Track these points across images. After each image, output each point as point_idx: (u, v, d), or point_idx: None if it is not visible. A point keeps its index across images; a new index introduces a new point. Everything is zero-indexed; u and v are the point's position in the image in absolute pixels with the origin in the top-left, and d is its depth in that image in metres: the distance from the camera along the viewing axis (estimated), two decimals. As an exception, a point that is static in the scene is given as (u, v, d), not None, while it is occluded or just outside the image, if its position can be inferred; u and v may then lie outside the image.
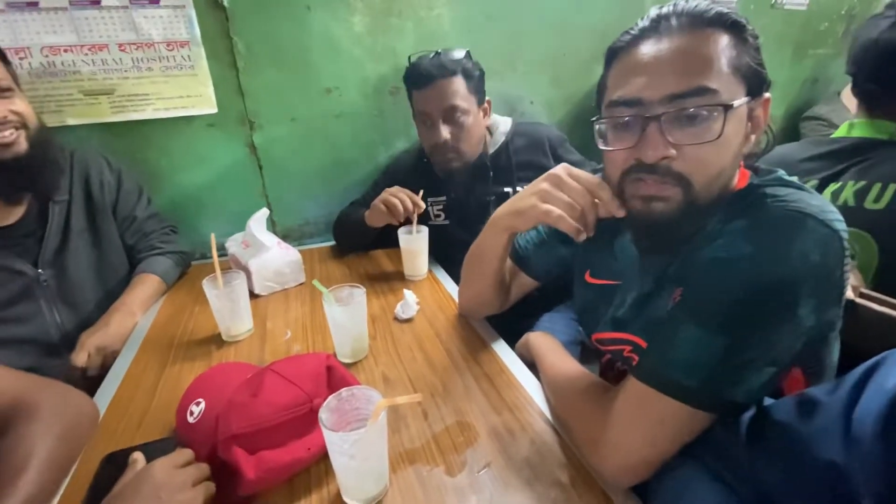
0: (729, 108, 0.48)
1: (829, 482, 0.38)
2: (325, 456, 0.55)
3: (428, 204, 1.18)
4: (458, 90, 1.05)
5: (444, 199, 1.20)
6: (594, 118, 0.57)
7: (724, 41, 0.49)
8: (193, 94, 1.12)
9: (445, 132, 1.07)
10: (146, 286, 1.01)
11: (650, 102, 0.49)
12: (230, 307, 0.86)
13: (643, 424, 0.49)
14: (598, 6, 1.41)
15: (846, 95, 1.70)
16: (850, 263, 0.50)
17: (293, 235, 1.36)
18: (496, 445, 0.60)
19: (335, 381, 0.63)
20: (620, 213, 0.57)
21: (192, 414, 0.62)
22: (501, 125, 1.19)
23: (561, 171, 0.62)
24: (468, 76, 1.07)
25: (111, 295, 0.99)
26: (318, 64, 1.21)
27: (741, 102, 0.49)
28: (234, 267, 1.09)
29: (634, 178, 0.53)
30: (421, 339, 0.86)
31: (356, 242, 1.26)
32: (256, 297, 1.03)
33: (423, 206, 1.06)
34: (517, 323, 0.93)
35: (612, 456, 0.51)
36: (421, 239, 1.07)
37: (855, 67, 0.89)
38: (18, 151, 0.82)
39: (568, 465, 0.57)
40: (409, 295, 0.95)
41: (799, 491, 0.41)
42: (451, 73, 1.05)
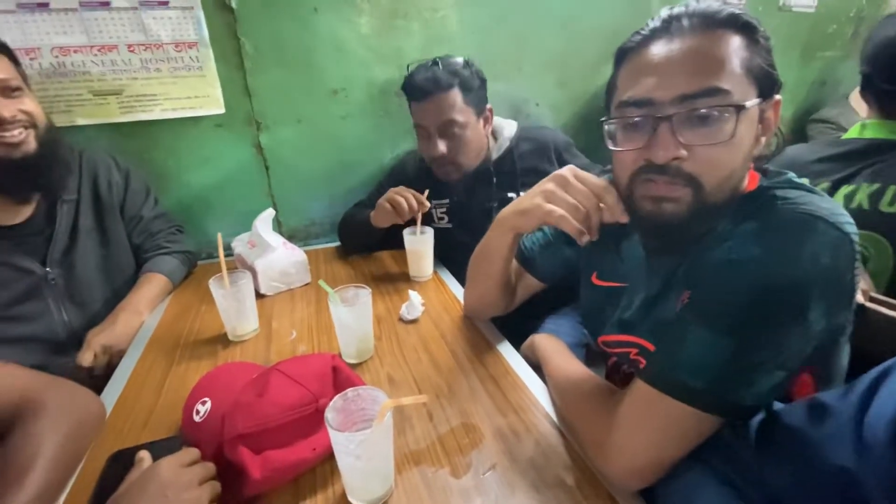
0: (741, 108, 0.47)
1: (839, 487, 0.38)
2: (330, 456, 0.55)
3: (432, 206, 1.18)
4: (454, 104, 1.03)
5: (447, 202, 1.19)
6: (604, 118, 0.57)
7: (736, 42, 0.49)
8: (201, 94, 1.12)
9: (442, 146, 1.06)
10: (152, 285, 1.02)
11: (661, 103, 0.49)
12: (236, 307, 0.86)
13: (650, 427, 0.49)
14: (604, 7, 1.41)
15: (855, 98, 1.68)
16: (860, 267, 0.50)
17: (299, 236, 1.37)
18: (501, 447, 0.60)
19: (341, 381, 0.63)
20: (624, 218, 0.57)
21: (197, 413, 0.62)
22: (506, 129, 1.17)
23: (567, 172, 0.62)
24: (466, 88, 1.04)
25: (118, 294, 1.00)
26: (324, 65, 1.21)
27: (753, 104, 0.49)
28: (240, 267, 1.09)
29: (644, 178, 0.52)
30: (426, 340, 0.86)
31: (361, 243, 1.26)
32: (262, 297, 1.03)
33: (427, 205, 1.06)
34: (522, 324, 0.93)
35: (618, 459, 0.50)
36: (426, 240, 1.07)
37: (869, 67, 0.88)
38: (28, 151, 0.83)
39: (573, 467, 0.57)
40: (414, 296, 0.95)
41: (809, 496, 0.40)
42: (447, 86, 1.02)
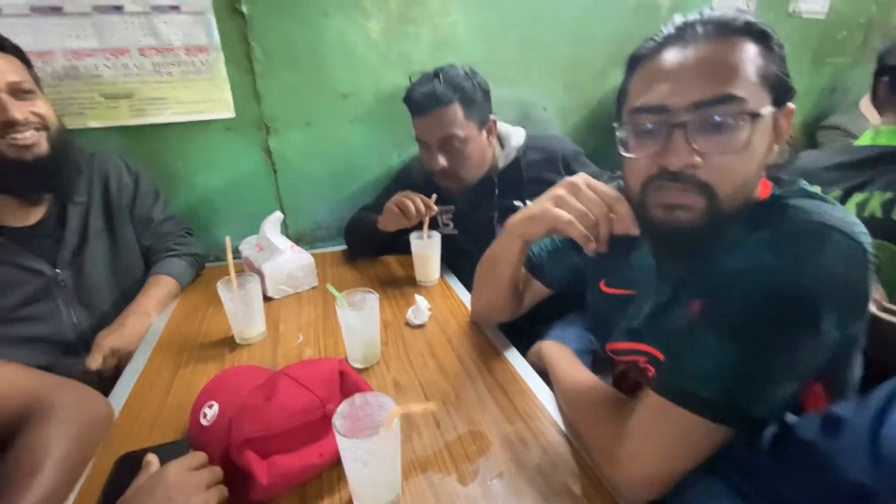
0: (756, 116, 0.47)
1: (854, 502, 0.37)
2: (337, 462, 0.55)
3: (438, 212, 1.18)
4: (454, 119, 1.01)
5: (453, 208, 1.19)
6: (616, 124, 0.56)
7: (751, 50, 0.48)
8: (211, 98, 1.13)
9: (443, 160, 1.05)
10: (161, 287, 1.02)
11: (675, 109, 0.49)
12: (244, 310, 0.86)
13: (661, 438, 0.49)
14: (613, 14, 1.41)
15: (865, 105, 1.67)
16: (873, 276, 0.49)
17: (305, 239, 1.37)
18: (509, 455, 0.59)
19: (348, 386, 0.63)
20: (635, 230, 0.57)
21: (204, 416, 0.62)
22: (514, 137, 1.14)
23: (579, 179, 0.62)
24: (467, 101, 1.02)
25: (127, 295, 1.00)
26: (333, 69, 1.22)
27: (768, 112, 0.48)
28: (247, 270, 1.09)
29: (657, 185, 0.52)
30: (433, 345, 0.86)
31: (368, 246, 1.26)
32: (269, 300, 1.03)
33: (435, 209, 1.06)
34: (527, 330, 0.92)
35: (629, 469, 0.50)
36: (433, 244, 1.07)
37: (890, 71, 0.87)
38: (39, 153, 0.83)
39: (581, 475, 0.56)
40: (420, 301, 0.94)
41: (823, 510, 0.40)
42: (446, 102, 1.00)
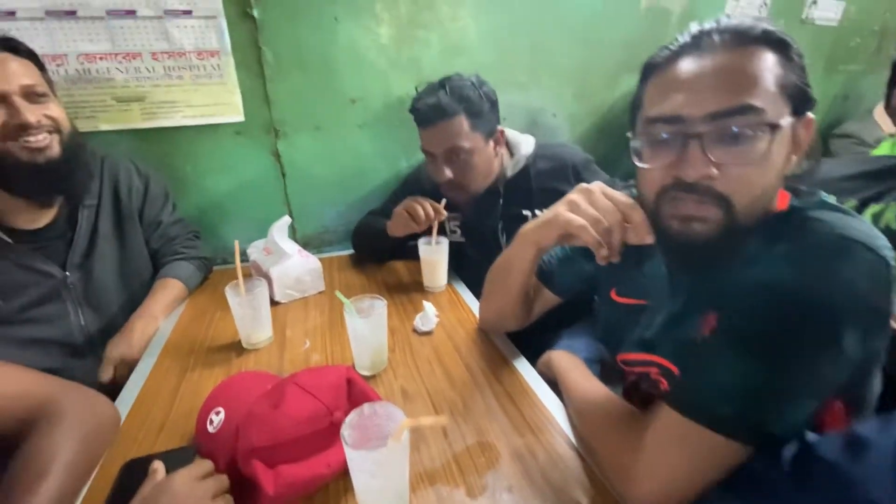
0: (776, 127, 0.46)
1: (879, 527, 0.36)
2: (344, 472, 0.54)
3: (446, 219, 1.17)
4: (460, 131, 1.00)
5: (459, 215, 1.19)
6: (630, 134, 0.55)
7: (769, 59, 0.47)
8: (221, 102, 1.14)
9: (448, 172, 1.04)
10: (168, 291, 1.02)
11: (691, 120, 0.48)
12: (252, 314, 0.86)
13: (677, 455, 0.47)
14: (624, 19, 1.40)
15: (879, 113, 1.65)
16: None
17: (313, 243, 1.37)
18: (518, 468, 0.58)
19: (355, 394, 0.62)
20: (650, 239, 0.56)
21: (211, 423, 0.61)
22: (523, 146, 1.12)
23: (595, 186, 0.61)
24: (473, 113, 1.00)
25: (135, 298, 1.00)
26: (343, 74, 1.22)
27: (787, 122, 0.47)
28: (255, 273, 1.09)
29: (672, 196, 0.51)
30: (440, 352, 0.85)
31: (375, 251, 1.25)
32: (276, 304, 1.03)
33: (444, 213, 1.06)
34: (535, 338, 0.91)
35: (643, 486, 0.49)
36: (441, 250, 1.06)
37: None
38: (51, 155, 0.84)
39: (592, 491, 0.55)
40: (428, 307, 0.94)
41: (847, 534, 0.38)
42: (451, 114, 0.99)
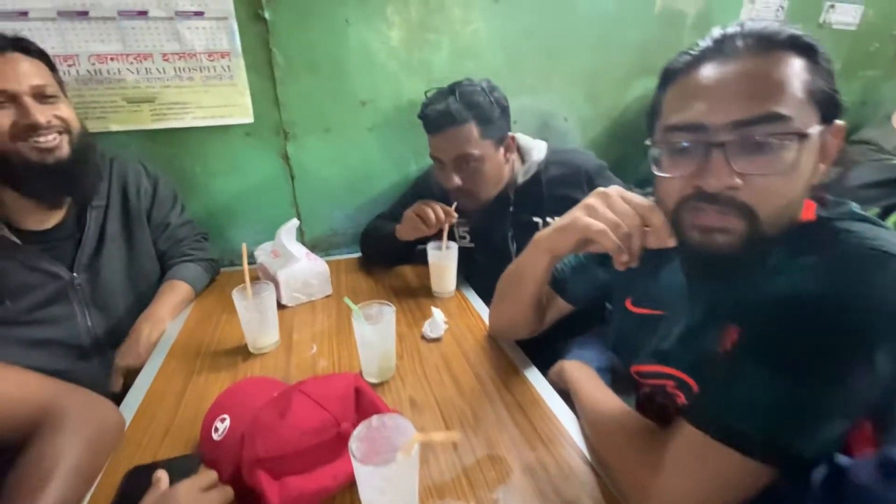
0: (804, 136, 0.44)
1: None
2: (351, 484, 0.53)
3: (455, 224, 1.15)
4: (469, 138, 0.98)
5: (469, 220, 1.17)
6: (648, 140, 0.54)
7: (797, 65, 0.46)
8: (231, 103, 1.13)
9: (457, 179, 1.03)
10: (175, 293, 1.02)
11: (714, 128, 0.46)
12: (259, 318, 0.85)
13: (698, 476, 0.45)
14: (637, 22, 1.38)
15: (898, 119, 1.62)
16: None
17: (321, 246, 1.36)
18: (530, 483, 0.57)
19: (364, 404, 0.61)
20: (672, 242, 0.53)
21: (216, 430, 0.60)
22: (535, 151, 1.10)
23: (613, 190, 0.59)
24: (483, 119, 0.98)
25: (142, 299, 1.00)
26: (353, 76, 1.21)
27: (815, 131, 0.45)
28: (262, 276, 1.08)
29: (693, 207, 0.49)
30: (449, 360, 0.83)
31: (383, 255, 1.24)
32: (283, 307, 1.02)
33: (455, 216, 1.04)
34: (545, 346, 0.90)
35: (662, 507, 0.47)
36: (450, 255, 1.05)
37: None
38: (61, 156, 0.83)
39: (607, 509, 0.53)
40: (437, 313, 0.92)
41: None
42: (461, 121, 0.97)
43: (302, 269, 1.04)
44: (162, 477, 0.53)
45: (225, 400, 0.65)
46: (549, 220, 1.06)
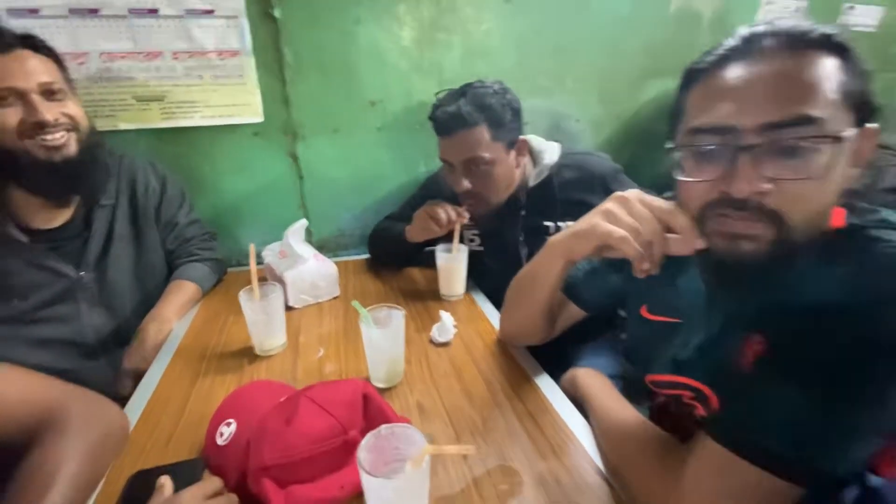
0: (837, 139, 0.42)
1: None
2: (359, 494, 0.51)
3: (464, 227, 1.14)
4: (480, 141, 0.96)
5: (479, 223, 1.15)
6: (669, 144, 0.52)
7: (829, 65, 0.43)
8: (241, 102, 1.12)
9: (467, 182, 1.01)
10: (182, 293, 1.01)
11: (743, 131, 0.44)
12: (265, 320, 0.84)
13: (720, 493, 0.43)
14: (651, 23, 1.36)
15: (918, 123, 1.58)
16: None
17: (329, 246, 1.35)
18: (542, 496, 0.55)
19: (372, 411, 0.60)
20: (700, 244, 0.50)
21: (221, 435, 0.59)
22: (547, 154, 1.08)
23: (631, 194, 0.56)
24: (495, 122, 0.96)
25: (149, 299, 0.99)
26: (363, 76, 1.20)
27: (850, 134, 0.43)
28: (269, 277, 1.07)
29: (718, 213, 0.47)
30: (458, 365, 0.82)
31: (392, 257, 1.23)
32: (290, 309, 1.01)
33: (466, 216, 1.03)
34: (556, 352, 0.88)
35: (683, 526, 0.45)
36: (460, 257, 1.03)
37: None
38: (68, 154, 0.83)
39: (623, 525, 0.51)
40: (446, 317, 0.90)
41: None
42: (472, 123, 0.95)
43: (310, 270, 1.03)
44: (165, 483, 0.52)
45: (231, 404, 0.64)
46: (560, 224, 1.04)
